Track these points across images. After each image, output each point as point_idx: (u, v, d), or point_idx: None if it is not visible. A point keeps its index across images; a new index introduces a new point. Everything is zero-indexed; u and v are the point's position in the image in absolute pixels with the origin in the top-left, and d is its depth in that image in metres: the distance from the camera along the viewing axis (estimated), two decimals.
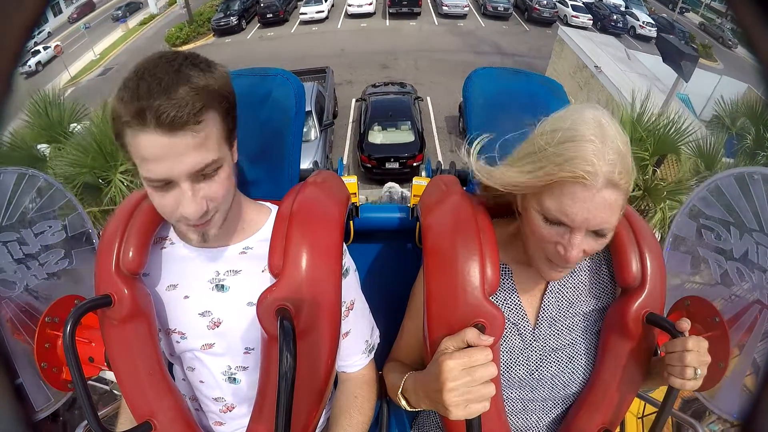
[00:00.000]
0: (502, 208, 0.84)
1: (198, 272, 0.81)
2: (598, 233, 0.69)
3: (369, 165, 7.88)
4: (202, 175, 0.66)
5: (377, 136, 8.11)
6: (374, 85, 10.18)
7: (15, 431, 0.27)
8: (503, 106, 0.98)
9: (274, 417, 0.62)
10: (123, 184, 4.45)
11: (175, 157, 0.62)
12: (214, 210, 0.71)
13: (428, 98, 11.11)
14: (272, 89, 0.96)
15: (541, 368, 0.84)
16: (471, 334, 0.69)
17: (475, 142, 0.81)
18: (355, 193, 1.16)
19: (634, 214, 0.84)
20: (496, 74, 1.07)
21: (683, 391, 0.74)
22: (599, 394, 0.82)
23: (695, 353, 0.70)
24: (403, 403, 0.81)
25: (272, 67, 0.99)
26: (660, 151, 4.80)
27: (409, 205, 1.20)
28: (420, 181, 1.24)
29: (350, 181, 1.15)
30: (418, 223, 0.92)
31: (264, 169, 0.94)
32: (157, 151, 0.62)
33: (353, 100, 10.66)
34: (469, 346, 0.69)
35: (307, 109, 8.45)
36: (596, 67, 8.32)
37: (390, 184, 5.70)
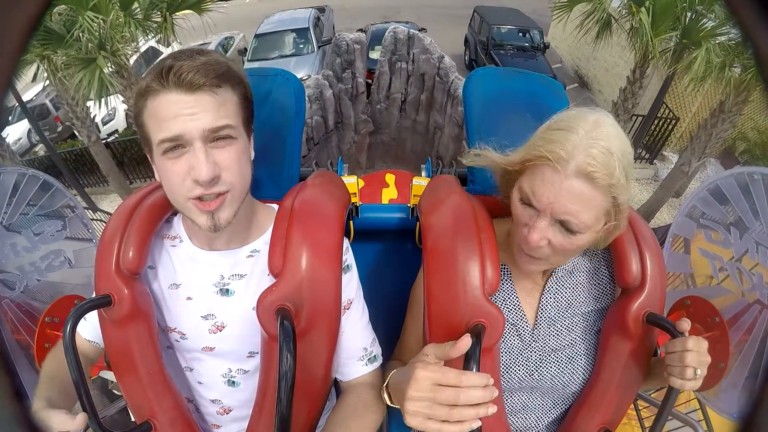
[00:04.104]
0: (502, 208, 0.84)
1: (203, 275, 0.80)
2: (565, 225, 0.68)
3: (369, 80, 7.32)
4: (215, 139, 0.67)
5: (378, 54, 7.98)
6: (373, 24, 10.01)
7: (15, 431, 0.27)
8: (503, 106, 0.98)
9: (273, 417, 0.62)
10: (92, 25, 4.33)
11: (191, 114, 0.65)
12: (227, 186, 0.69)
13: (432, 40, 11.16)
14: (272, 89, 0.96)
15: (540, 369, 0.84)
16: (448, 346, 0.65)
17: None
18: (355, 193, 1.16)
19: (634, 215, 0.84)
20: (496, 74, 1.07)
21: (683, 391, 0.74)
22: (599, 394, 0.82)
23: (695, 353, 0.70)
24: (385, 397, 0.77)
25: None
26: None
27: (409, 205, 1.20)
28: (420, 181, 1.23)
29: (350, 181, 1.15)
30: (418, 223, 0.92)
31: (264, 169, 0.94)
32: (175, 108, 0.64)
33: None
34: (467, 358, 0.65)
35: (305, 26, 8.80)
36: None
37: (394, 24, 5.45)
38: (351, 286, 0.85)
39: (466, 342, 0.64)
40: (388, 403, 0.78)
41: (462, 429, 0.59)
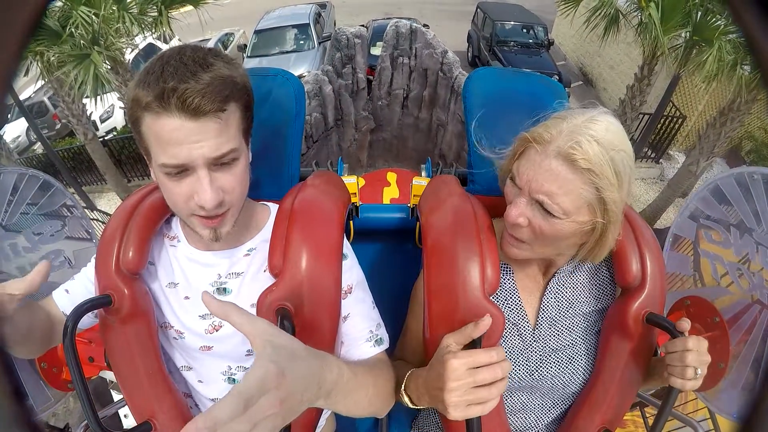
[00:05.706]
0: (502, 209, 0.84)
1: (201, 275, 0.80)
2: (543, 207, 0.69)
3: (370, 77, 7.19)
4: (219, 164, 0.66)
5: (380, 50, 7.92)
6: (375, 20, 10.00)
7: (15, 431, 0.27)
8: (503, 106, 0.98)
9: None
10: (86, 19, 4.29)
11: (195, 142, 0.62)
12: (229, 205, 0.70)
13: (435, 35, 11.14)
14: (272, 89, 0.96)
15: (541, 368, 0.84)
16: (469, 328, 0.68)
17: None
18: (355, 193, 1.16)
19: (634, 215, 0.84)
20: (496, 74, 1.06)
21: (684, 391, 0.74)
22: (599, 394, 0.82)
23: (695, 353, 0.70)
24: (406, 399, 0.78)
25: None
26: None
27: (409, 205, 1.20)
28: (420, 181, 1.23)
29: (350, 181, 1.15)
30: (418, 223, 0.92)
31: (264, 169, 0.94)
32: (179, 135, 0.62)
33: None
34: (472, 341, 0.68)
35: (306, 22, 8.81)
36: None
37: (396, 19, 5.32)
38: (350, 272, 0.83)
39: (486, 322, 0.68)
40: (409, 405, 0.77)
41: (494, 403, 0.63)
